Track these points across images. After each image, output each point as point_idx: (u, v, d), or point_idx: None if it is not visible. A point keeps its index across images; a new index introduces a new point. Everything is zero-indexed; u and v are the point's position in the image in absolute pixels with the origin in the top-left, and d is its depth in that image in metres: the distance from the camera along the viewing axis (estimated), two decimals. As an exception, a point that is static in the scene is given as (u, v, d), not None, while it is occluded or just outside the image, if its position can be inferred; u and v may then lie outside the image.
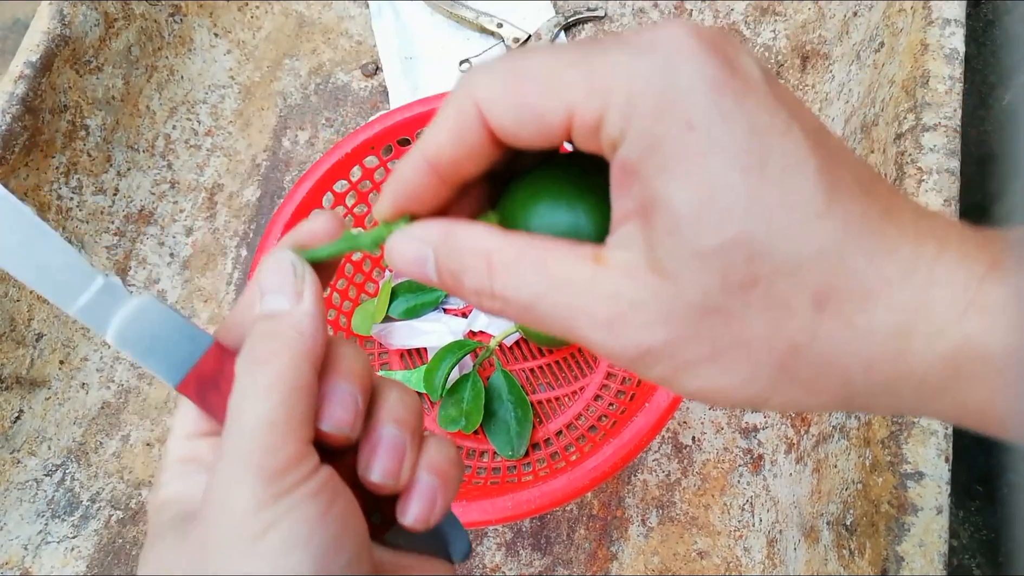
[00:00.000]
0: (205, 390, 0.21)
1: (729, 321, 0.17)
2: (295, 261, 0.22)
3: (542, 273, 0.18)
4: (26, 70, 0.55)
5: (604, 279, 0.18)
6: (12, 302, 0.54)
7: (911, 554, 0.35)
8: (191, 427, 0.22)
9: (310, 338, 0.21)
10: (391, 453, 0.21)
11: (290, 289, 0.21)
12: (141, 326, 0.21)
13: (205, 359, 0.21)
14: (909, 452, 0.37)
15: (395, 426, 0.22)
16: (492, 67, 0.19)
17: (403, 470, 0.21)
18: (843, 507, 0.41)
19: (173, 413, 0.23)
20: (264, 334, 0.20)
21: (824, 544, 0.42)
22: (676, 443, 0.51)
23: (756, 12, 0.64)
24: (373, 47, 0.69)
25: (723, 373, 0.17)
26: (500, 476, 0.50)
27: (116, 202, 0.61)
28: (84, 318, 0.21)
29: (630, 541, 0.49)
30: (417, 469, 0.22)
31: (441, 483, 0.22)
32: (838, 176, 0.17)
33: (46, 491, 0.54)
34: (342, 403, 0.21)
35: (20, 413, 0.54)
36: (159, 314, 0.22)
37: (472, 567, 0.49)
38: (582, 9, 0.67)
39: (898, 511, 0.36)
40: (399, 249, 0.21)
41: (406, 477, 0.22)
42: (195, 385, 0.21)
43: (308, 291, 0.21)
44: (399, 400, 0.22)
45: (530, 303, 0.18)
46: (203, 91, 0.67)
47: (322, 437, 0.21)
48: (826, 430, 0.46)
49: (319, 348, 0.21)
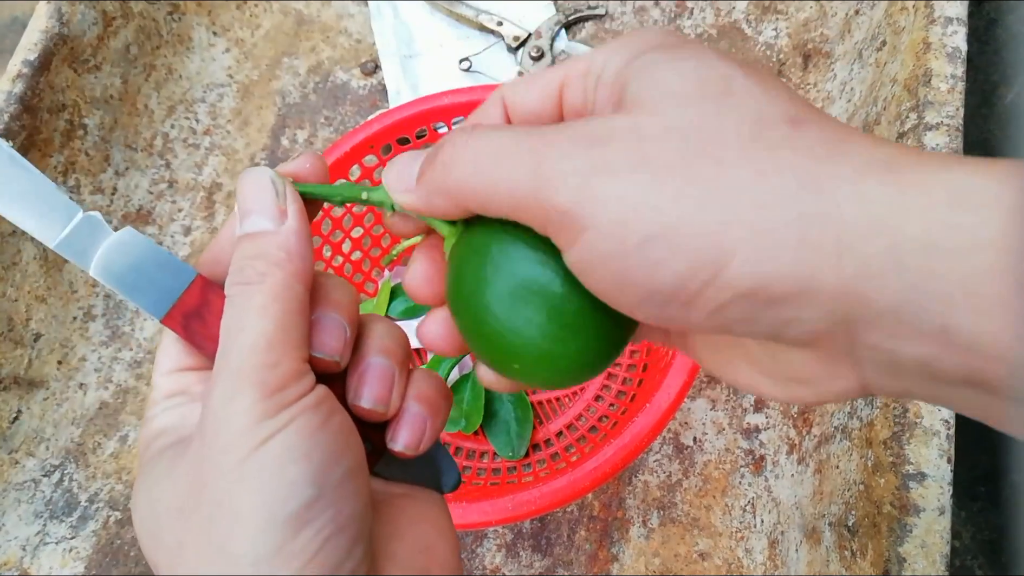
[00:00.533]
0: (190, 322, 0.21)
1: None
2: (274, 178, 0.21)
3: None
4: (24, 69, 0.54)
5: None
6: (10, 302, 0.54)
7: (913, 555, 0.35)
8: (176, 361, 0.22)
9: (299, 257, 0.20)
10: (380, 380, 0.21)
11: (272, 208, 0.21)
12: (124, 259, 0.21)
13: (190, 291, 0.21)
14: (911, 453, 0.37)
15: (383, 355, 0.22)
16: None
17: (392, 397, 0.22)
18: (845, 508, 0.41)
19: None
20: (251, 255, 0.20)
21: (826, 545, 0.42)
22: (677, 444, 0.51)
23: (758, 10, 0.64)
24: (372, 45, 0.69)
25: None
26: (500, 477, 0.50)
27: (114, 201, 0.61)
28: (66, 252, 0.21)
29: (631, 542, 0.48)
30: (405, 398, 0.22)
31: (429, 411, 0.22)
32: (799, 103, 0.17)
33: (44, 492, 0.53)
34: (330, 331, 0.21)
35: (18, 413, 0.54)
36: (142, 246, 0.21)
37: (472, 568, 0.48)
38: (583, 7, 0.67)
39: (900, 512, 0.36)
40: (395, 174, 0.21)
41: (395, 405, 0.22)
42: (180, 318, 0.21)
43: (292, 208, 0.21)
44: (386, 332, 0.22)
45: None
46: (201, 90, 0.67)
47: (313, 365, 0.21)
48: (828, 431, 0.45)
49: (309, 267, 0.21)
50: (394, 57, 0.67)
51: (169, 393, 0.22)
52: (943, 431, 0.37)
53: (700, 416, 0.51)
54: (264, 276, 0.20)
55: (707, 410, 0.51)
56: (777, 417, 0.50)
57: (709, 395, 0.52)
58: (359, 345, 0.22)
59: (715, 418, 0.51)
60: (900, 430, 0.38)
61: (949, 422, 0.38)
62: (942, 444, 0.37)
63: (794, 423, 0.49)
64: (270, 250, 0.20)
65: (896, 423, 0.38)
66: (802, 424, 0.49)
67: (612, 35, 0.66)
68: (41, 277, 0.56)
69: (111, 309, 0.59)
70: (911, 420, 0.38)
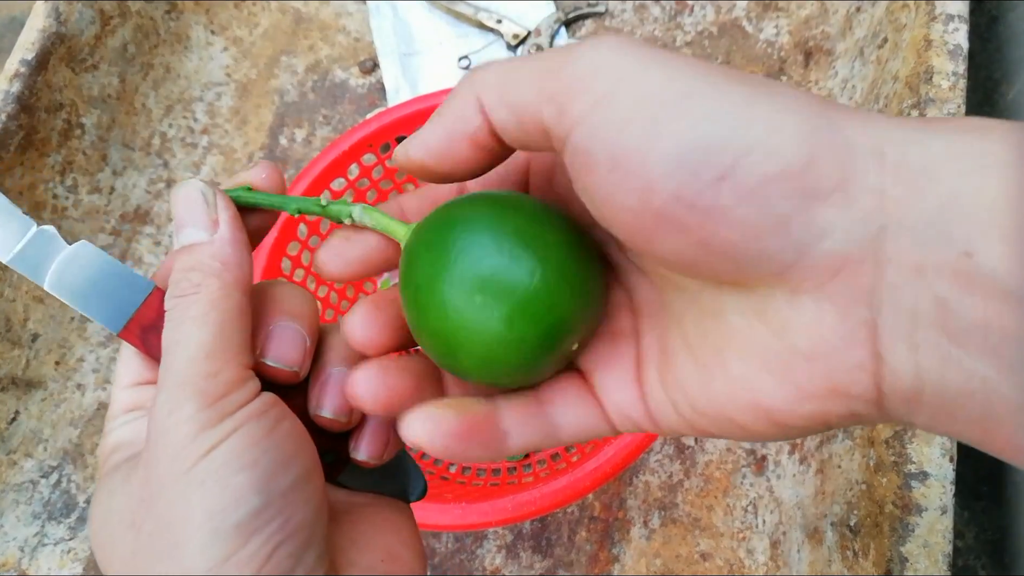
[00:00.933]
0: (148, 336, 0.21)
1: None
2: (204, 190, 0.21)
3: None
4: (22, 68, 0.54)
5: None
6: (7, 302, 0.54)
7: (915, 555, 0.35)
8: (136, 375, 0.22)
9: (235, 266, 0.20)
10: (341, 390, 0.21)
11: (203, 219, 0.21)
12: (79, 272, 0.21)
13: (147, 304, 0.21)
14: (913, 452, 0.37)
15: (344, 365, 0.22)
16: (491, 65, 0.19)
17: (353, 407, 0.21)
18: (847, 508, 0.40)
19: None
20: (187, 267, 0.20)
21: (828, 545, 0.41)
22: (678, 444, 0.51)
23: (759, 8, 0.64)
24: (371, 44, 0.69)
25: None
26: (500, 478, 0.50)
27: (112, 201, 0.60)
28: (20, 267, 0.21)
29: (632, 543, 0.48)
30: None
31: (393, 420, 0.22)
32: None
33: (42, 493, 0.53)
34: (287, 340, 0.21)
35: (16, 414, 0.54)
36: (97, 260, 0.21)
37: (472, 569, 0.48)
38: (582, 5, 0.67)
39: (902, 512, 0.36)
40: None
41: (358, 414, 0.22)
42: (138, 331, 0.21)
43: (224, 217, 0.21)
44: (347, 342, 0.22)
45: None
46: (199, 89, 0.67)
47: (271, 375, 0.21)
48: (829, 431, 0.45)
49: (246, 275, 0.21)
50: (393, 55, 0.67)
51: (127, 407, 0.21)
52: (946, 430, 0.37)
53: (701, 415, 0.51)
54: (199, 287, 0.20)
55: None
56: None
57: (710, 394, 0.52)
58: (320, 354, 0.22)
59: (716, 417, 0.51)
60: (902, 429, 0.38)
61: (952, 421, 0.37)
62: (944, 443, 0.37)
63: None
64: (204, 260, 0.20)
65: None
66: (803, 423, 0.48)
67: (613, 33, 0.66)
68: (39, 277, 0.56)
69: (109, 309, 0.59)
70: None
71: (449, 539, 0.49)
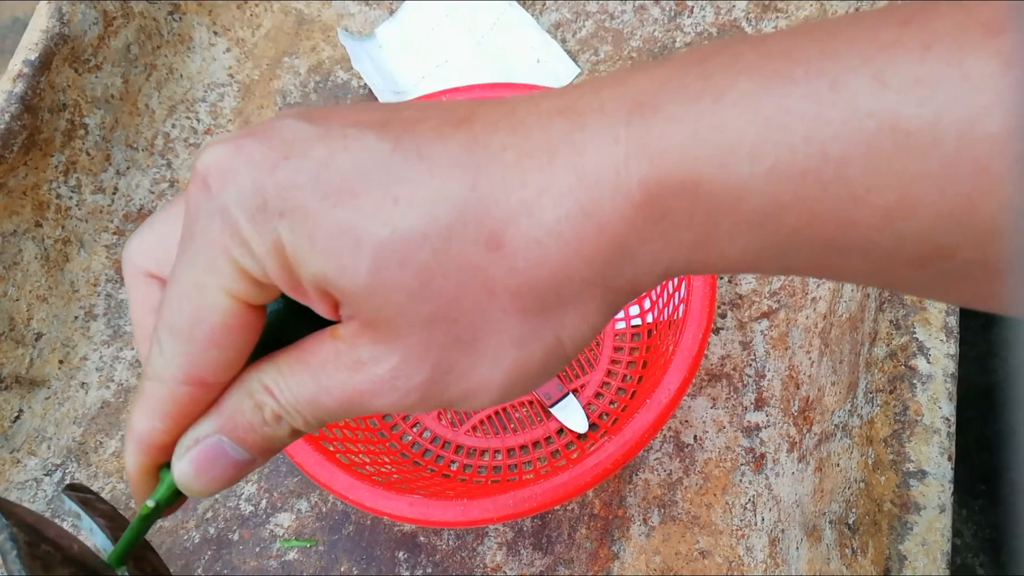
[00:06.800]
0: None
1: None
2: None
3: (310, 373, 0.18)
4: (25, 69, 0.54)
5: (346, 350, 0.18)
6: (11, 301, 0.54)
7: (914, 553, 0.35)
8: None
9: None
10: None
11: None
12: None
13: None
14: (912, 450, 0.37)
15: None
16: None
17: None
18: (845, 506, 0.41)
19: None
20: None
21: (826, 543, 0.42)
22: (678, 442, 0.51)
23: (758, 9, 0.64)
24: (373, 45, 0.69)
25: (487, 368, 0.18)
26: (501, 475, 0.50)
27: (115, 201, 0.61)
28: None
29: (632, 540, 0.48)
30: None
31: None
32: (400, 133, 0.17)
33: (46, 491, 0.53)
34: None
35: (20, 413, 0.54)
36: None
37: (473, 567, 0.48)
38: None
39: (901, 510, 0.36)
40: (198, 467, 0.19)
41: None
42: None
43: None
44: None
45: (321, 398, 0.18)
46: (202, 89, 0.67)
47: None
48: (828, 428, 0.45)
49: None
50: (385, 92, 0.66)
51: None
52: (944, 429, 0.37)
53: (700, 414, 0.52)
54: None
55: (707, 408, 0.52)
56: (778, 415, 0.50)
57: (709, 393, 0.52)
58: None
59: (715, 416, 0.51)
60: (901, 428, 0.38)
61: (950, 420, 0.38)
62: (943, 442, 0.37)
63: (794, 421, 0.49)
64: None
65: (897, 420, 0.38)
66: (803, 422, 0.49)
67: (613, 35, 0.66)
68: (42, 277, 0.56)
69: (112, 308, 0.59)
70: (912, 418, 0.38)
71: (450, 536, 0.49)
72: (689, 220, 0.16)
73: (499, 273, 0.17)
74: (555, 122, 0.17)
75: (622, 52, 0.65)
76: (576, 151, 0.16)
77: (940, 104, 0.14)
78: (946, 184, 0.14)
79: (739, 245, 0.16)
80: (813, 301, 0.52)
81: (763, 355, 0.52)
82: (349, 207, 0.16)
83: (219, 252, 0.17)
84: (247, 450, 0.19)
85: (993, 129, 0.13)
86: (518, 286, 0.17)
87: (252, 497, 0.52)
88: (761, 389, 0.51)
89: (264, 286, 0.17)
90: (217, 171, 0.16)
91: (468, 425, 0.52)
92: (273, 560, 0.50)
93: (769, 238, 0.16)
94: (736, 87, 0.15)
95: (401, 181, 0.16)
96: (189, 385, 0.18)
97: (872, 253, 0.15)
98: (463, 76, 0.66)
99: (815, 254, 0.16)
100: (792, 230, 0.16)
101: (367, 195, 0.16)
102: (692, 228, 0.16)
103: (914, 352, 0.39)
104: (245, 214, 0.16)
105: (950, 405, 0.38)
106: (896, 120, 0.14)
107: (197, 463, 0.19)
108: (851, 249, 0.16)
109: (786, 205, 0.15)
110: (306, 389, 0.18)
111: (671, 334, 0.46)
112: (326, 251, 0.16)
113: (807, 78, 0.15)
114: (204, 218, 0.17)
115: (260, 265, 0.17)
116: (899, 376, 0.39)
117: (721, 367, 0.53)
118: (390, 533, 0.50)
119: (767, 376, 0.52)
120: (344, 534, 0.50)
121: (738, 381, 0.52)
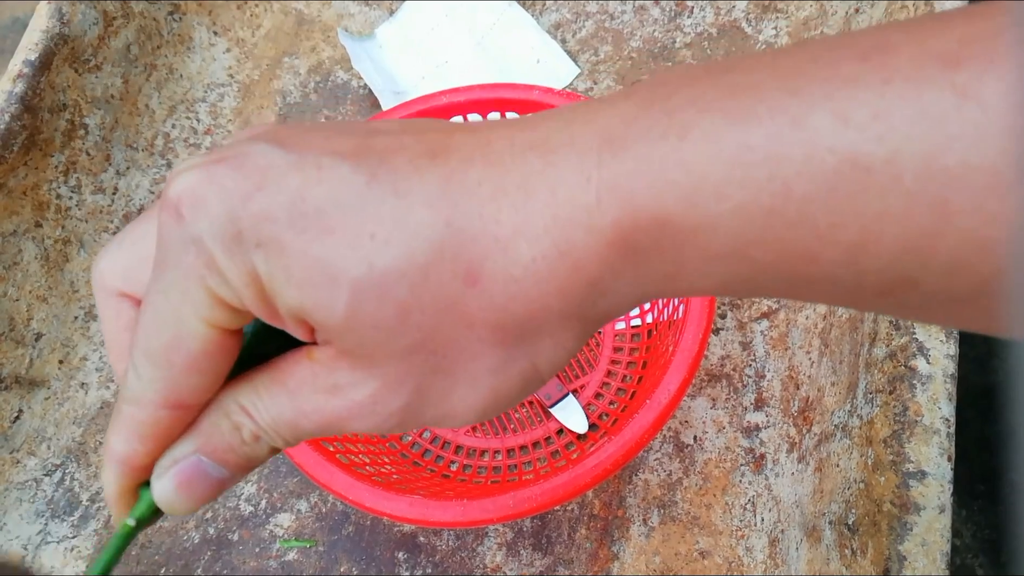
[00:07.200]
0: None
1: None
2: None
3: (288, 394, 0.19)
4: (25, 69, 0.54)
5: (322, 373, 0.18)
6: (11, 301, 0.54)
7: (913, 553, 0.35)
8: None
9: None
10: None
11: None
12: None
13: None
14: (911, 451, 0.37)
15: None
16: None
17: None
18: (845, 506, 0.41)
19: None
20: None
21: (826, 544, 0.42)
22: (677, 442, 0.51)
23: (758, 9, 0.64)
24: (373, 45, 0.69)
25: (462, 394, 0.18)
26: (501, 475, 0.50)
27: (115, 201, 0.61)
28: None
29: (631, 541, 0.48)
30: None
31: None
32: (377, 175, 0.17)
33: (46, 491, 0.53)
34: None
35: (19, 413, 0.54)
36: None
37: (473, 567, 0.48)
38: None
39: (900, 510, 0.36)
40: (179, 486, 0.19)
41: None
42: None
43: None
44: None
45: (300, 420, 0.19)
46: (202, 89, 0.67)
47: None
48: (828, 429, 0.45)
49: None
50: (386, 93, 0.66)
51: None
52: (943, 429, 0.37)
53: (700, 414, 0.52)
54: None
55: (707, 408, 0.52)
56: (777, 415, 0.50)
57: (709, 393, 0.52)
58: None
59: (715, 416, 0.51)
60: (900, 428, 0.38)
61: (949, 420, 0.38)
62: (942, 442, 0.37)
63: (794, 421, 0.49)
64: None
65: (896, 421, 0.38)
66: (802, 422, 0.49)
67: (613, 35, 0.66)
68: (42, 277, 0.56)
69: (112, 308, 0.59)
70: (911, 418, 0.38)
71: (450, 537, 0.49)
72: (660, 255, 0.17)
73: (476, 307, 0.17)
74: (528, 158, 0.17)
75: (622, 52, 0.65)
76: (550, 190, 0.17)
77: (899, 140, 0.14)
78: (906, 219, 0.14)
79: (709, 277, 0.17)
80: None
81: (763, 355, 0.52)
82: (326, 242, 0.16)
83: (194, 281, 0.17)
84: (227, 468, 0.19)
85: (951, 163, 0.13)
86: (496, 319, 0.17)
87: (252, 497, 0.52)
88: (761, 389, 0.51)
89: (240, 312, 0.17)
90: (190, 200, 0.16)
91: (467, 425, 0.52)
92: (273, 560, 0.50)
93: (738, 270, 0.16)
94: (700, 125, 0.16)
95: (377, 217, 0.16)
96: (168, 408, 0.18)
97: (839, 284, 0.16)
98: (463, 76, 0.66)
99: (783, 284, 0.17)
100: (760, 263, 0.16)
101: (343, 230, 0.16)
102: (663, 262, 0.17)
103: (914, 352, 0.39)
104: (220, 245, 0.16)
105: (950, 406, 0.38)
106: (856, 157, 0.14)
107: (178, 482, 0.19)
108: (818, 281, 0.16)
109: (752, 241, 0.16)
110: (284, 411, 0.18)
111: (671, 334, 0.46)
112: (303, 285, 0.16)
113: (770, 115, 0.15)
114: (178, 247, 0.17)
115: (236, 294, 0.17)
116: (899, 376, 0.39)
117: (721, 367, 0.53)
118: (390, 533, 0.50)
119: (767, 376, 0.52)
120: (344, 534, 0.50)
121: (738, 381, 0.52)
